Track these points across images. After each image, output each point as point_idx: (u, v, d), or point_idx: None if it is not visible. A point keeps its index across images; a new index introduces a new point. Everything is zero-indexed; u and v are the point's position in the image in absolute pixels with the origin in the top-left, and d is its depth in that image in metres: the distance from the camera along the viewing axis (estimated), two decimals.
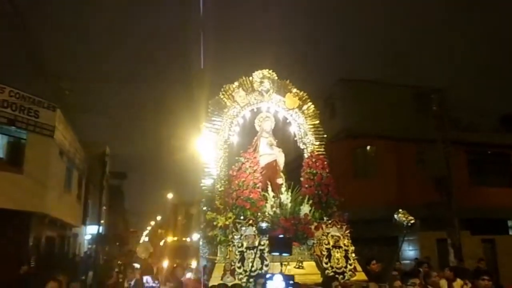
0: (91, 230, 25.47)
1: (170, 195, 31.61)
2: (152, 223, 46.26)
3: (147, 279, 12.60)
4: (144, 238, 41.69)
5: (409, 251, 18.38)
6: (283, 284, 4.35)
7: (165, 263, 22.42)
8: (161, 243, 33.53)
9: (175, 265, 11.78)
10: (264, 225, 5.90)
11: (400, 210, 5.98)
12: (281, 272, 4.68)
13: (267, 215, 6.81)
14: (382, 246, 16.04)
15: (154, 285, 12.49)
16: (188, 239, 24.91)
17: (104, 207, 26.82)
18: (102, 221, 24.63)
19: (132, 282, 8.90)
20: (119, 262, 18.63)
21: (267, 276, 4.49)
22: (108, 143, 24.92)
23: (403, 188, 18.04)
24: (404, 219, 5.83)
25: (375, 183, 18.37)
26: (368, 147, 19.95)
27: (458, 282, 7.28)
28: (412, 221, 5.80)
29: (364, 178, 18.97)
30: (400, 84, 21.12)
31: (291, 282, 4.41)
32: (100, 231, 20.66)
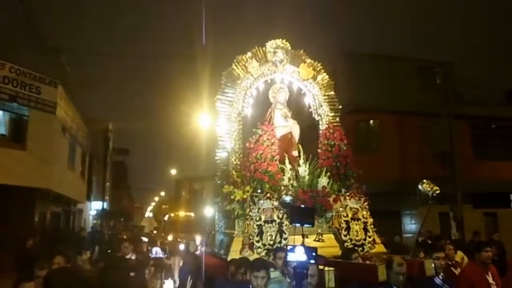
0: (95, 206, 25.45)
1: (173, 171, 31.49)
2: (156, 198, 46.30)
3: (156, 250, 12.57)
4: (148, 214, 41.77)
5: (411, 225, 18.35)
6: (305, 256, 4.01)
7: (170, 237, 22.47)
8: (165, 218, 33.57)
9: (184, 240, 11.68)
10: (288, 198, 5.68)
11: (425, 180, 5.77)
12: (303, 244, 4.40)
13: (288, 187, 6.58)
14: (384, 220, 15.93)
15: (162, 256, 12.47)
16: (192, 214, 24.84)
17: (108, 183, 26.70)
18: (106, 197, 24.56)
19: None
20: (124, 236, 18.58)
21: (288, 248, 4.15)
22: (111, 119, 24.63)
23: (406, 163, 17.90)
24: (429, 189, 5.61)
25: (378, 158, 18.11)
26: (372, 121, 19.67)
27: (459, 255, 7.17)
28: (438, 191, 5.58)
29: (367, 152, 18.73)
30: (404, 57, 20.68)
31: (313, 254, 4.05)
32: (105, 206, 20.58)
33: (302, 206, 5.93)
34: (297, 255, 4.03)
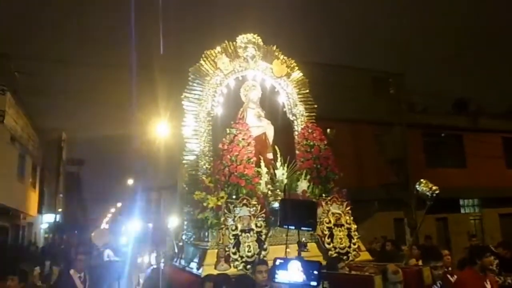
0: (47, 219, 23.37)
1: (130, 181, 29.77)
2: (113, 210, 43.84)
3: (108, 253, 11.24)
4: (104, 225, 39.40)
5: (367, 231, 17.98)
6: (302, 275, 2.80)
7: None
8: (122, 229, 31.69)
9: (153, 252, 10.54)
10: (277, 205, 4.74)
11: (422, 180, 5.06)
12: (299, 257, 3.27)
13: (276, 193, 5.68)
14: None
15: (116, 259, 11.19)
16: (150, 225, 23.34)
17: (61, 195, 24.67)
18: (59, 209, 22.62)
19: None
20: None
21: (277, 263, 2.97)
22: (66, 129, 22.82)
23: (362, 170, 17.52)
24: (427, 189, 4.89)
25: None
26: (328, 130, 19.23)
27: (413, 260, 6.74)
28: (437, 191, 4.87)
29: None
30: (358, 67, 20.47)
31: (315, 272, 2.79)
32: (57, 219, 18.81)
33: (298, 199, 4.91)
34: (291, 274, 2.84)
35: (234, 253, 5.29)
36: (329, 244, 5.85)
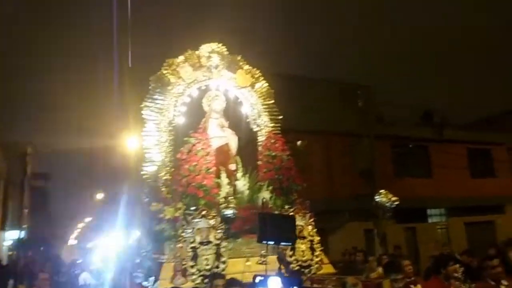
0: (11, 235, 22.37)
1: (99, 195, 28.96)
2: (81, 225, 42.53)
3: (84, 277, 10.38)
4: (72, 242, 38.11)
5: (337, 241, 17.96)
6: None
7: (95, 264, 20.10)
8: (89, 245, 30.71)
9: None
10: (229, 212, 4.58)
11: (382, 191, 5.00)
12: (280, 272, 3.10)
13: (229, 200, 5.49)
14: None
15: (94, 282, 10.38)
16: (116, 239, 22.68)
17: (26, 210, 23.75)
18: (24, 225, 21.72)
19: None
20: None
21: (258, 280, 2.78)
22: (31, 144, 22.07)
23: (333, 181, 17.56)
24: (386, 200, 4.82)
25: (305, 177, 17.58)
26: (299, 142, 19.21)
27: (378, 271, 6.60)
28: (397, 202, 4.81)
29: None
30: (327, 79, 20.62)
31: None
32: (22, 235, 18.02)
33: (277, 213, 4.73)
34: None
35: (192, 267, 5.08)
36: (290, 257, 5.69)
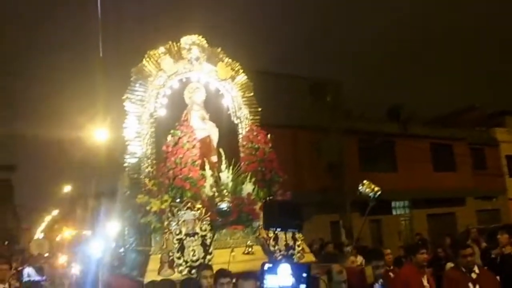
0: None
1: (67, 188, 28.13)
2: (48, 218, 41.19)
3: (28, 272, 9.84)
4: (39, 235, 36.88)
5: (305, 233, 18.24)
6: (291, 279, 2.70)
7: (63, 258, 19.56)
8: (58, 238, 29.83)
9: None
10: (224, 205, 4.58)
11: (365, 181, 5.11)
12: (289, 259, 3.08)
13: (223, 194, 5.49)
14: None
15: (38, 278, 9.85)
16: (89, 232, 22.17)
17: None
18: None
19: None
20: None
21: (266, 267, 2.75)
22: None
23: (300, 175, 17.75)
24: (369, 190, 4.94)
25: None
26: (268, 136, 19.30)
27: (359, 259, 7.06)
28: (380, 192, 4.94)
29: None
30: (296, 75, 20.76)
31: (304, 275, 2.73)
32: None
33: (284, 200, 4.72)
34: (281, 278, 2.70)
35: (179, 258, 5.05)
36: (274, 246, 5.75)
